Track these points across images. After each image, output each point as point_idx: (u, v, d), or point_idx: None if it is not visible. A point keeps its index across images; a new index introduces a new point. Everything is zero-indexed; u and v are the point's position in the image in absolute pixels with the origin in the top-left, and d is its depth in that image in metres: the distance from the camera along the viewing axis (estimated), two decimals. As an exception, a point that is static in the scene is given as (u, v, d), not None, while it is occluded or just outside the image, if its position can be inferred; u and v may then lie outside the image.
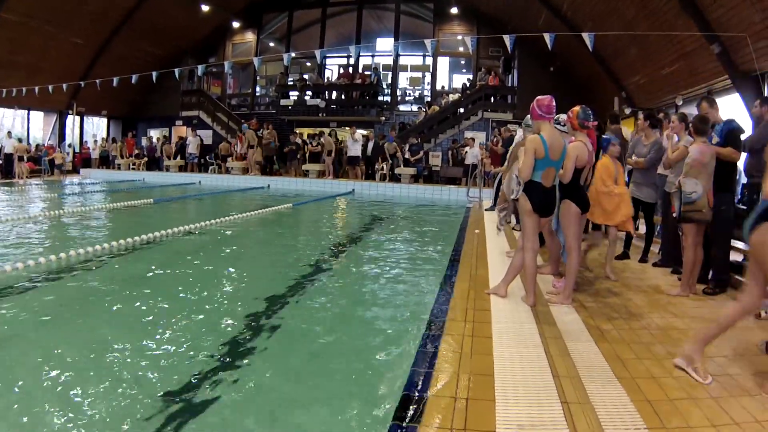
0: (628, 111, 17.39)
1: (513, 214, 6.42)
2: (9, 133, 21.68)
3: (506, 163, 7.51)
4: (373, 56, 26.41)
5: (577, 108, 5.40)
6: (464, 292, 5.34)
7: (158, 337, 4.41)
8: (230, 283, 6.28)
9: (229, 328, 4.66)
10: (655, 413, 2.97)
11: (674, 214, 5.67)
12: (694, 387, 3.34)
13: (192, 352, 4.09)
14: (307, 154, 21.10)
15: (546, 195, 4.89)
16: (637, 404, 3.06)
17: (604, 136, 6.33)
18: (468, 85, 23.67)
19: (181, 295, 5.69)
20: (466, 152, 19.18)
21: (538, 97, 4.96)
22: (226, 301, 5.52)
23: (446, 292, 5.37)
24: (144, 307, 5.15)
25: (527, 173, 4.87)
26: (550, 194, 4.94)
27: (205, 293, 5.77)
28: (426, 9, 25.07)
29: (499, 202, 7.54)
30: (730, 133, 5.64)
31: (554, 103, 4.90)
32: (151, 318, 4.87)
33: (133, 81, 18.32)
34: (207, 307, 5.28)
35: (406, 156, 19.50)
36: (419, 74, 26.28)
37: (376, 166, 20.54)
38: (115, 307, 5.19)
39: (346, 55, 25.14)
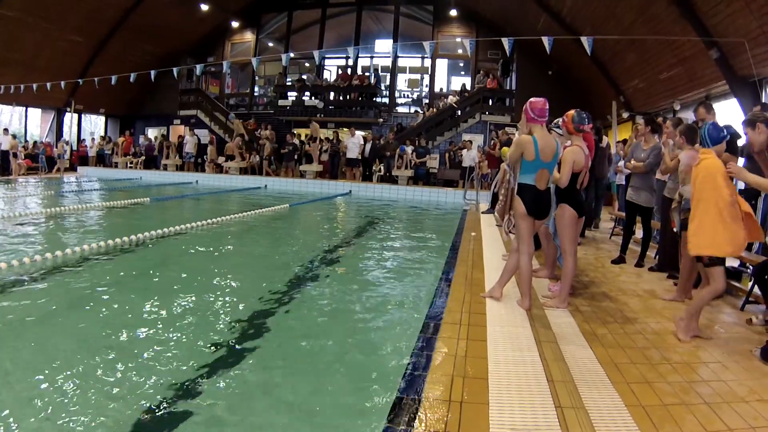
0: (626, 115, 17.45)
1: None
2: (5, 130, 21.65)
3: (502, 165, 7.51)
4: (371, 57, 26.46)
5: (571, 112, 5.39)
6: (460, 295, 5.34)
7: (150, 336, 4.38)
8: (224, 283, 6.25)
9: (222, 329, 4.64)
10: (648, 418, 2.97)
11: (675, 229, 5.66)
12: (688, 392, 3.34)
13: (184, 352, 4.06)
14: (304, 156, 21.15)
15: (539, 197, 4.89)
16: (630, 409, 3.06)
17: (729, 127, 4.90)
18: (466, 87, 23.67)
19: (175, 295, 5.65)
20: (463, 155, 19.21)
21: (531, 100, 4.92)
22: (219, 302, 5.48)
23: (441, 294, 5.36)
24: (137, 307, 5.11)
25: (513, 163, 5.05)
26: (543, 197, 4.93)
27: (199, 293, 5.72)
28: (425, 11, 25.11)
29: (500, 210, 7.48)
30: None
31: (547, 107, 4.88)
32: (143, 318, 4.84)
33: (131, 79, 18.29)
34: (200, 307, 5.24)
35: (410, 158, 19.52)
36: (418, 76, 26.31)
37: (374, 168, 20.54)
38: (107, 306, 5.15)
39: (344, 56, 25.15)
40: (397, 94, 25.95)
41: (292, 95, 24.84)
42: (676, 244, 5.98)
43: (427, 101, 24.81)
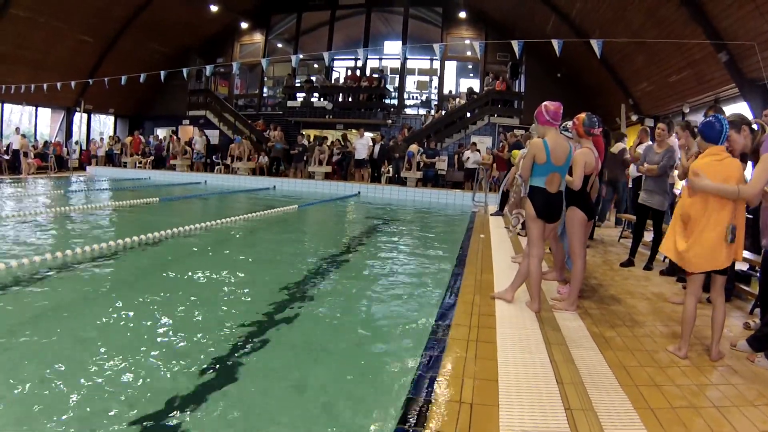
0: (634, 118, 17.41)
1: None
2: (17, 129, 21.82)
3: (513, 168, 7.55)
4: (380, 59, 26.51)
5: (582, 115, 5.40)
6: (469, 297, 5.35)
7: (155, 336, 4.43)
8: (232, 284, 6.27)
9: (231, 329, 4.66)
10: (657, 421, 2.98)
11: None
12: (697, 395, 3.35)
13: (192, 353, 4.09)
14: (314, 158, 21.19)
15: (550, 200, 4.90)
16: (639, 412, 3.07)
17: None
18: (474, 90, 23.65)
19: (182, 295, 5.69)
20: (468, 157, 19.22)
21: (546, 102, 4.94)
22: (228, 302, 5.50)
23: (451, 296, 5.38)
24: (144, 307, 5.14)
25: (526, 175, 5.02)
26: (554, 200, 4.95)
27: (207, 294, 5.77)
28: (434, 13, 25.14)
29: (511, 206, 7.53)
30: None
31: (561, 111, 4.90)
32: (148, 318, 4.87)
33: (141, 80, 18.40)
34: (209, 308, 5.27)
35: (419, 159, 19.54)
36: (426, 78, 26.31)
37: (382, 169, 20.58)
38: (114, 306, 5.15)
39: (353, 57, 25.19)
40: (405, 96, 25.97)
41: (300, 96, 24.90)
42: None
43: (436, 103, 24.83)
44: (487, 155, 19.00)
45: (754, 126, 4.76)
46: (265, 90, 28.22)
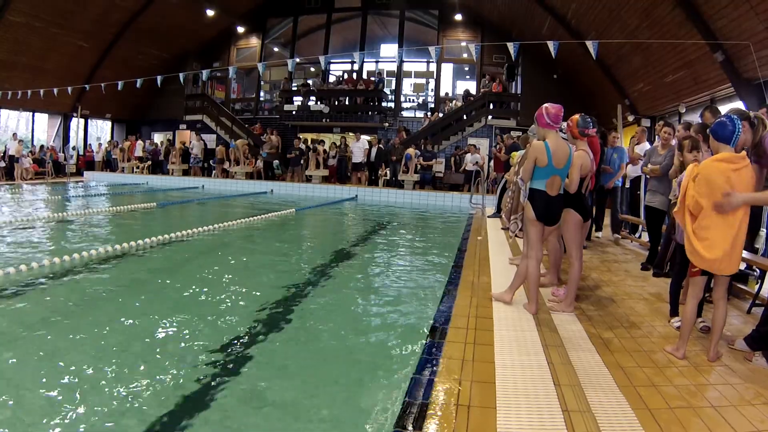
0: (631, 118, 17.42)
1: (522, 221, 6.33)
2: (14, 135, 21.80)
3: (512, 169, 7.55)
4: (377, 62, 26.49)
5: (576, 116, 5.40)
6: (466, 299, 5.35)
7: (152, 341, 4.42)
8: (230, 288, 6.26)
9: (228, 334, 4.64)
10: (655, 422, 2.98)
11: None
12: (695, 396, 3.35)
13: (189, 358, 4.08)
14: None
15: (550, 203, 4.89)
16: (637, 413, 3.07)
17: None
18: (470, 92, 23.67)
19: (180, 300, 5.69)
20: (467, 159, 19.24)
21: (547, 105, 4.92)
22: (225, 307, 5.48)
23: (448, 299, 5.38)
24: (141, 313, 5.12)
25: (527, 178, 4.97)
26: (554, 203, 4.94)
27: (205, 299, 5.76)
28: (430, 16, 25.15)
29: (508, 211, 7.50)
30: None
31: (562, 113, 4.89)
32: (146, 323, 4.85)
33: (137, 85, 18.39)
34: (206, 312, 5.25)
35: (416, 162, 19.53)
36: (423, 80, 26.32)
37: (380, 172, 20.57)
38: (113, 310, 5.16)
39: (350, 60, 25.20)
40: (402, 99, 25.98)
41: (297, 100, 24.90)
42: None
43: (432, 105, 24.85)
44: (483, 157, 19.05)
45: (753, 120, 4.77)
46: (261, 94, 28.18)
